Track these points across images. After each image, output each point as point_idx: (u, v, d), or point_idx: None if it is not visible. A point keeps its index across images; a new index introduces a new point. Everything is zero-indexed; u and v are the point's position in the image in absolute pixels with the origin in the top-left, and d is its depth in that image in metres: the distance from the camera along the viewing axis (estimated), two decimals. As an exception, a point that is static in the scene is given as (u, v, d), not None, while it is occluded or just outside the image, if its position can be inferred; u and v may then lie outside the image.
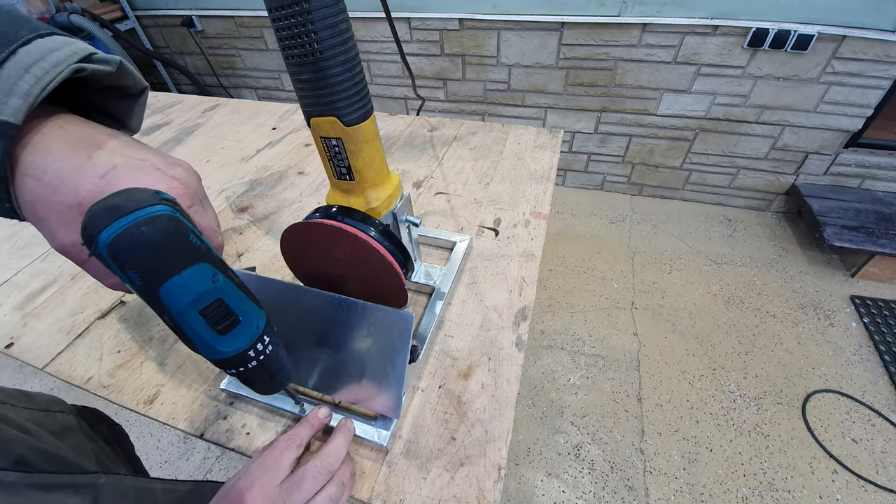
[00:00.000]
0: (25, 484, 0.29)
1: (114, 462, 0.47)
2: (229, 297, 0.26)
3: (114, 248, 0.21)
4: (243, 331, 0.28)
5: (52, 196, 0.24)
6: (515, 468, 1.20)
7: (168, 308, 0.24)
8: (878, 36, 1.41)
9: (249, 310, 0.28)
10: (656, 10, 1.55)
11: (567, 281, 1.72)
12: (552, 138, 0.87)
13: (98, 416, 0.53)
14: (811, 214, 1.71)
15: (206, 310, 0.25)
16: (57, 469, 0.33)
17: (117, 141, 0.26)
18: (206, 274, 0.25)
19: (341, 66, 0.35)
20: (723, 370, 1.40)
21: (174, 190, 0.27)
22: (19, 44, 0.23)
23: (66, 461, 0.37)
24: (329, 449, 0.37)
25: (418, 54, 1.96)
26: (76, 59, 0.25)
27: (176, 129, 1.01)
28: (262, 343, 0.30)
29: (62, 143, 0.24)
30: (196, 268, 0.24)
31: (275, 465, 0.34)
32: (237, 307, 0.27)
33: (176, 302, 0.24)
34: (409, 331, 0.40)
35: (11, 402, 0.41)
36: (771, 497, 1.12)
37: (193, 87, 2.54)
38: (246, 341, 0.28)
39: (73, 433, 0.45)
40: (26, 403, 0.43)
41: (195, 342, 0.26)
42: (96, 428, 0.52)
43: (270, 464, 0.34)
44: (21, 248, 0.70)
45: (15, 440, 0.34)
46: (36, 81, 0.23)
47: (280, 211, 0.74)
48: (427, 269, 0.58)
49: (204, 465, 1.24)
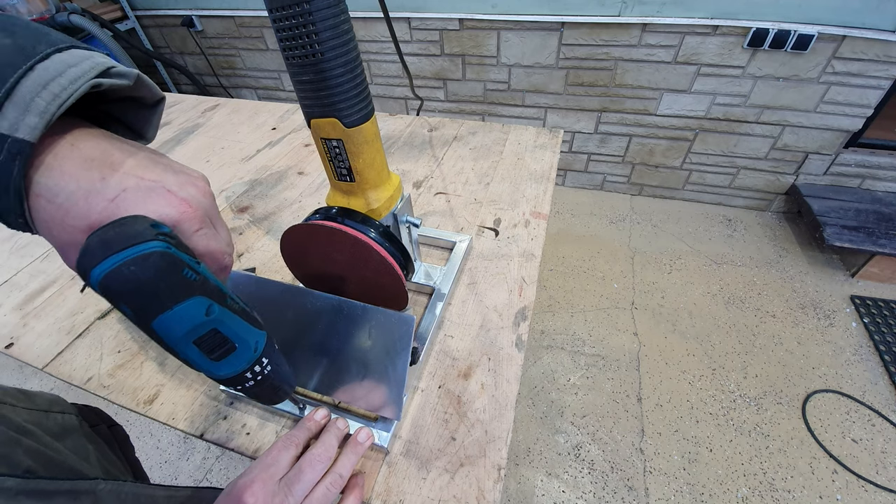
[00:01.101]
0: (24, 490, 0.28)
1: (113, 465, 0.47)
2: (225, 326, 0.26)
3: (105, 286, 0.21)
4: (239, 356, 0.28)
5: (65, 218, 0.24)
6: (515, 468, 1.20)
7: (162, 338, 0.24)
8: (878, 36, 1.41)
9: (247, 334, 0.28)
10: (656, 10, 1.55)
11: (567, 281, 1.72)
12: (552, 138, 0.87)
13: (99, 415, 0.53)
14: (811, 214, 1.71)
15: (200, 340, 0.25)
16: (56, 475, 0.33)
17: (132, 160, 0.26)
18: (201, 307, 0.25)
19: (342, 68, 0.35)
20: (723, 370, 1.40)
21: (184, 214, 0.26)
22: (37, 59, 0.23)
23: (65, 466, 0.37)
24: (323, 439, 0.38)
25: (418, 54, 1.96)
26: (94, 75, 0.24)
27: (176, 130, 1.01)
28: (259, 365, 0.30)
29: (75, 164, 0.24)
30: (189, 302, 0.24)
31: (274, 463, 0.35)
32: (233, 334, 0.27)
33: (170, 334, 0.24)
34: (409, 333, 0.40)
35: (11, 402, 0.41)
36: (771, 497, 1.12)
37: (193, 87, 2.54)
38: (243, 364, 0.29)
39: (73, 434, 0.45)
40: (26, 403, 0.42)
41: (191, 366, 0.27)
42: (97, 428, 0.52)
43: (270, 462, 0.35)
44: (21, 248, 0.70)
45: (14, 443, 0.34)
46: (53, 98, 0.23)
47: (280, 211, 0.74)
48: (427, 269, 0.58)
49: (204, 464, 1.24)
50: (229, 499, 0.31)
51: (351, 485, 0.38)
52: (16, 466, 0.32)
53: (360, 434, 0.40)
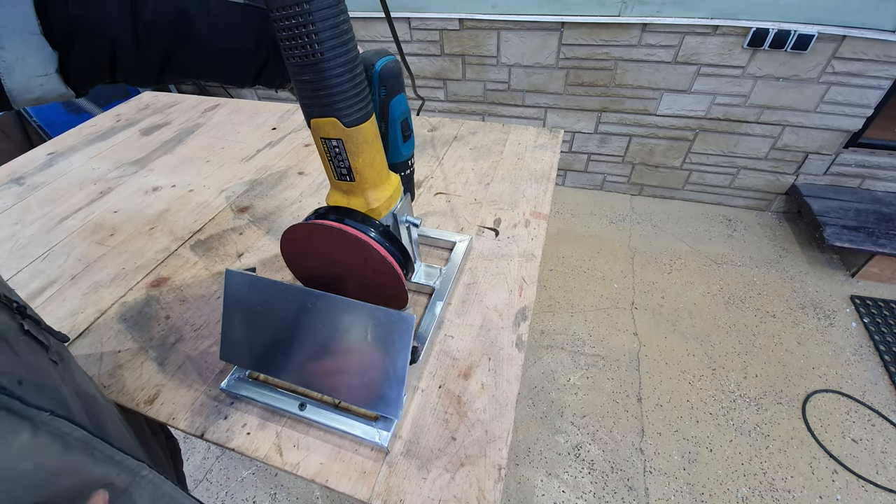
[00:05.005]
0: (83, 447, 0.27)
1: (163, 469, 0.47)
2: (409, 120, 0.47)
3: (382, 73, 0.42)
4: (411, 143, 0.50)
5: None
6: (515, 468, 1.20)
7: (390, 116, 0.44)
8: (878, 36, 1.41)
9: (413, 133, 0.49)
10: (656, 10, 1.55)
11: (567, 281, 1.72)
12: (552, 138, 0.87)
13: (160, 424, 0.53)
14: (811, 214, 1.71)
15: (402, 123, 0.46)
16: (112, 443, 0.30)
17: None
18: (405, 101, 0.45)
19: (342, 68, 0.35)
20: (723, 370, 1.40)
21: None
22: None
23: (123, 439, 0.37)
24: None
25: (418, 54, 1.96)
26: None
27: (176, 129, 1.01)
28: (412, 159, 0.52)
29: None
30: (401, 95, 0.44)
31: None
32: (412, 128, 0.48)
33: (393, 112, 0.45)
34: (409, 332, 0.40)
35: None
36: (771, 497, 1.12)
37: (193, 86, 2.54)
38: (411, 149, 0.50)
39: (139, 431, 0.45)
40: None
41: (392, 143, 0.47)
42: (157, 436, 0.53)
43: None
44: (21, 248, 0.70)
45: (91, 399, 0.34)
46: None
47: (280, 211, 0.74)
48: (427, 269, 0.58)
49: (204, 464, 1.24)
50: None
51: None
52: (87, 423, 0.31)
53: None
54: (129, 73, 0.36)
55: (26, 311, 0.33)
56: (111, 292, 0.61)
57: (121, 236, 0.71)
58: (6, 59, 0.29)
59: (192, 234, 0.70)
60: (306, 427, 0.44)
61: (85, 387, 0.35)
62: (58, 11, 0.30)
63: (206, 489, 1.19)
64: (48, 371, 0.30)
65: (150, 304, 0.58)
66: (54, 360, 0.32)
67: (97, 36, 0.32)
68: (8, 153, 1.32)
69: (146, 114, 1.08)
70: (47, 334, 0.34)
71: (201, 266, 0.64)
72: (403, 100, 0.45)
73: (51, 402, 0.28)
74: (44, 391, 0.28)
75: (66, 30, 0.31)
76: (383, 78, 0.42)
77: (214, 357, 0.51)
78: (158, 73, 0.37)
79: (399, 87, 0.44)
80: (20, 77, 0.30)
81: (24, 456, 0.22)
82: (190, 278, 0.62)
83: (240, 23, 0.37)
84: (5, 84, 0.30)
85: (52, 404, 0.27)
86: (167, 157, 0.91)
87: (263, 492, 1.19)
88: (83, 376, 0.37)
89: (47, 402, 0.25)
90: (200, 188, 0.81)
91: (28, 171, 0.89)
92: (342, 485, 0.40)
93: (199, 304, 0.58)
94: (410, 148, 0.50)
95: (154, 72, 0.37)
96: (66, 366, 0.34)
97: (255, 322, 0.45)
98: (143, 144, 0.96)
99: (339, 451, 0.42)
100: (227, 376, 0.47)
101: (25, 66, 0.30)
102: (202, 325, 0.55)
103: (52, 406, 0.25)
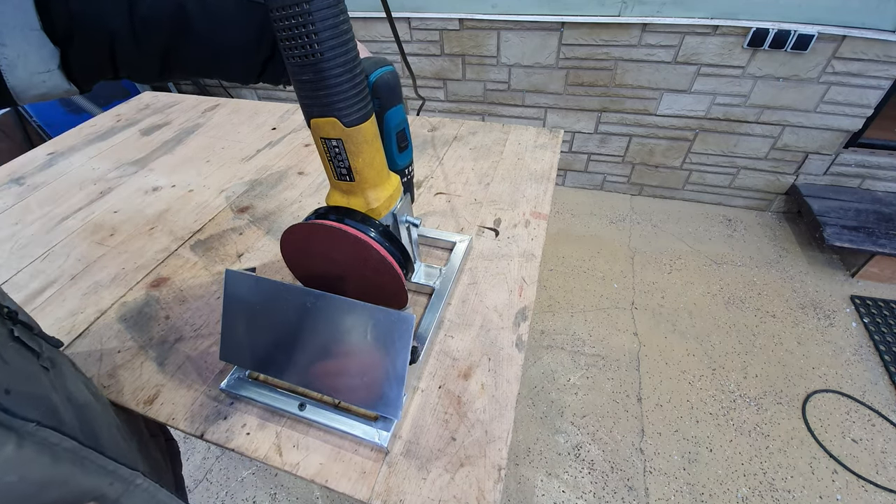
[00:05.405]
0: (72, 458, 0.27)
1: (162, 474, 0.47)
2: (407, 131, 0.48)
3: (376, 85, 0.42)
4: (408, 153, 0.50)
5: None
6: (515, 468, 1.20)
7: (385, 127, 0.44)
8: (878, 36, 1.41)
9: (411, 144, 0.50)
10: (656, 10, 1.55)
11: (567, 281, 1.72)
12: (552, 138, 0.87)
13: (160, 426, 0.53)
14: (811, 214, 1.71)
15: (399, 133, 0.46)
16: (105, 452, 0.31)
17: None
18: (401, 111, 0.45)
19: (342, 68, 0.35)
20: (723, 370, 1.40)
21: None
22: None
23: (118, 448, 0.37)
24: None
25: (418, 54, 1.96)
26: None
27: (176, 129, 1.01)
28: (412, 166, 0.52)
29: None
30: (399, 107, 0.44)
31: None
32: (409, 139, 0.49)
33: (388, 123, 0.44)
34: (409, 332, 0.40)
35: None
36: (771, 497, 1.12)
37: (193, 86, 2.54)
38: (409, 158, 0.51)
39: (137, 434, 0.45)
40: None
41: (387, 154, 0.45)
42: (156, 439, 0.53)
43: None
44: (21, 248, 0.70)
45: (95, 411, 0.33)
46: None
47: (280, 211, 0.74)
48: (427, 269, 0.58)
49: (204, 464, 1.24)
50: None
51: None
52: (70, 428, 0.31)
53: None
54: (130, 68, 0.36)
55: (17, 317, 0.32)
56: (111, 292, 0.61)
57: (121, 236, 0.71)
58: (8, 55, 0.29)
59: (192, 235, 0.70)
60: (306, 427, 0.44)
61: (78, 393, 0.34)
62: (58, 7, 0.30)
63: (206, 489, 1.19)
64: (38, 378, 0.30)
65: (149, 305, 0.58)
66: (45, 366, 0.32)
67: (96, 31, 0.32)
68: (8, 153, 1.32)
69: (146, 114, 1.08)
70: (40, 340, 0.34)
71: (201, 266, 0.64)
72: (400, 111, 0.45)
73: (39, 410, 0.27)
74: (32, 400, 0.28)
75: (66, 25, 0.31)
76: (378, 90, 0.42)
77: (214, 357, 0.51)
78: (160, 68, 0.37)
79: (395, 99, 0.44)
80: (23, 73, 0.30)
81: (8, 468, 0.22)
82: (190, 278, 0.62)
83: (240, 18, 0.37)
84: (8, 81, 0.30)
85: (41, 413, 0.26)
86: (167, 157, 0.91)
87: (263, 492, 1.19)
88: (77, 382, 0.36)
89: (35, 412, 0.25)
90: (200, 188, 0.81)
91: (28, 171, 0.89)
92: (342, 485, 0.40)
93: (198, 305, 0.58)
94: (406, 158, 0.50)
95: (155, 67, 0.37)
96: (58, 372, 0.34)
97: (254, 322, 0.45)
98: (143, 144, 0.96)
99: (339, 451, 0.42)
100: (227, 376, 0.47)
101: (27, 62, 0.30)
102: (202, 325, 0.55)
103: (41, 415, 0.25)
